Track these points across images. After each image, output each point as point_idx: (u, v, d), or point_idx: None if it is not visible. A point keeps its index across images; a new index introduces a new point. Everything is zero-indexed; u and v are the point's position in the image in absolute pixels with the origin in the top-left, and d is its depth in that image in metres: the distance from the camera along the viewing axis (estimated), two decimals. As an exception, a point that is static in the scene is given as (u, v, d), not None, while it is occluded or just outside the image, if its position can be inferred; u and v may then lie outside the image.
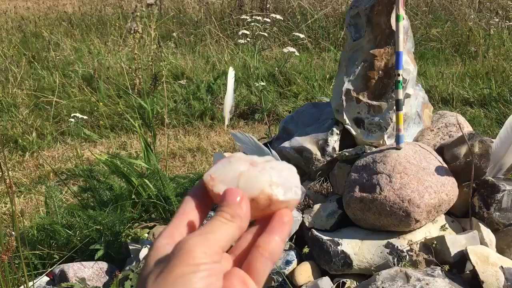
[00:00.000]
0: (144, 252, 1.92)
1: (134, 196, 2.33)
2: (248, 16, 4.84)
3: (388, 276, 1.54)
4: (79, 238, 2.17)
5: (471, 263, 1.55)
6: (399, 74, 1.70)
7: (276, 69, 4.48)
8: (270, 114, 3.89)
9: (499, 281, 1.52)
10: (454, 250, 1.60)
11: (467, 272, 1.61)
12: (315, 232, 1.75)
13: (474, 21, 5.35)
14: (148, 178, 2.37)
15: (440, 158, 1.76)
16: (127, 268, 1.90)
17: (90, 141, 3.74)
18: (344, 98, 1.86)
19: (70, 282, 1.87)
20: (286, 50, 3.18)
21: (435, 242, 1.62)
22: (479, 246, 1.61)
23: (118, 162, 2.40)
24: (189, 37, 5.78)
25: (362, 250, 1.67)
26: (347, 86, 1.85)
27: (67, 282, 1.87)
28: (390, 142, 1.83)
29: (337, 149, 1.88)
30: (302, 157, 1.90)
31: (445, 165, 1.74)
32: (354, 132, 1.87)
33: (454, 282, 1.53)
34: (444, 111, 2.09)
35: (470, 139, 1.71)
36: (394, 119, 1.76)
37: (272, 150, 1.82)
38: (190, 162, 3.40)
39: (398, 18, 1.67)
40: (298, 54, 3.74)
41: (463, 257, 1.59)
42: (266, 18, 4.00)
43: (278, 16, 4.11)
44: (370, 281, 1.56)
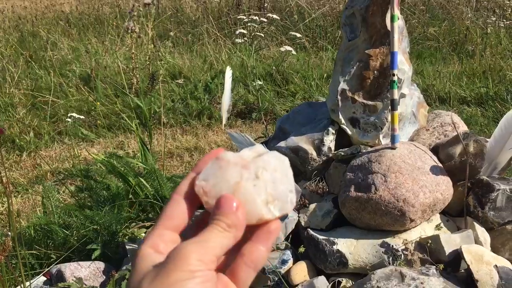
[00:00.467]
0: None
1: (131, 195, 2.33)
2: (245, 15, 4.84)
3: (383, 275, 1.54)
4: (76, 238, 2.17)
5: (466, 262, 1.56)
6: (394, 74, 1.70)
7: (273, 68, 4.49)
8: (267, 114, 3.90)
9: (493, 279, 1.53)
10: (448, 249, 1.61)
11: (462, 271, 1.62)
12: (311, 231, 1.76)
13: (471, 20, 5.36)
14: (145, 178, 2.38)
15: (435, 158, 1.77)
16: (124, 268, 1.91)
17: (88, 140, 3.74)
18: (339, 98, 1.87)
19: (67, 282, 1.87)
20: (283, 49, 3.18)
21: (430, 241, 1.63)
22: (474, 245, 1.62)
23: (115, 162, 2.41)
24: (186, 36, 5.78)
25: (357, 249, 1.68)
26: (343, 86, 1.86)
27: (64, 282, 1.88)
28: (385, 141, 1.84)
29: (332, 148, 1.89)
30: (298, 156, 1.91)
31: (440, 164, 1.74)
32: (349, 131, 1.88)
33: (449, 281, 1.54)
34: (439, 111, 2.10)
35: (465, 139, 1.72)
36: (390, 119, 1.77)
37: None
38: (187, 162, 3.40)
39: (393, 18, 1.68)
40: (295, 53, 3.75)
41: (458, 256, 1.60)
42: (263, 17, 4.01)
43: (275, 15, 4.11)
44: (365, 280, 1.57)
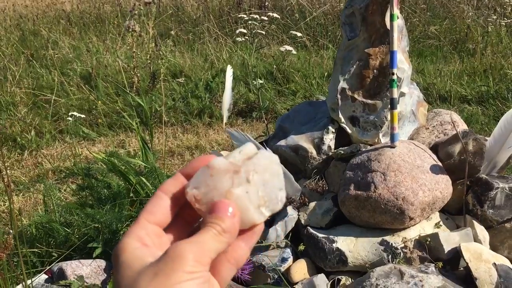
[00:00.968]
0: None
1: (132, 194, 2.34)
2: (246, 14, 4.85)
3: (382, 273, 1.55)
4: (77, 236, 2.18)
5: (465, 260, 1.56)
6: (394, 73, 1.71)
7: (274, 67, 4.49)
8: (268, 112, 3.90)
9: (492, 277, 1.53)
10: (447, 247, 1.61)
11: (461, 269, 1.63)
12: (311, 229, 1.77)
13: (472, 18, 5.35)
14: (146, 177, 2.38)
15: (434, 156, 1.77)
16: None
17: (89, 139, 3.75)
18: (339, 96, 1.87)
19: (69, 280, 1.88)
20: (283, 49, 3.18)
21: (429, 239, 1.64)
22: (473, 243, 1.62)
23: (116, 160, 2.41)
24: (187, 35, 5.79)
25: (357, 247, 1.69)
26: (342, 85, 1.87)
27: (66, 280, 1.89)
28: (385, 140, 1.84)
29: (332, 147, 1.90)
30: (298, 155, 1.92)
31: (439, 163, 1.75)
32: (349, 130, 1.89)
33: (448, 279, 1.55)
34: (439, 109, 2.11)
35: (464, 137, 1.73)
36: (389, 118, 1.77)
37: (268, 149, 1.83)
38: (188, 160, 3.41)
39: (392, 17, 1.68)
40: (295, 52, 3.75)
41: (457, 254, 1.61)
42: (264, 16, 4.01)
43: (276, 14, 4.11)
44: (365, 278, 1.58)
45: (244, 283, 1.70)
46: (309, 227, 1.78)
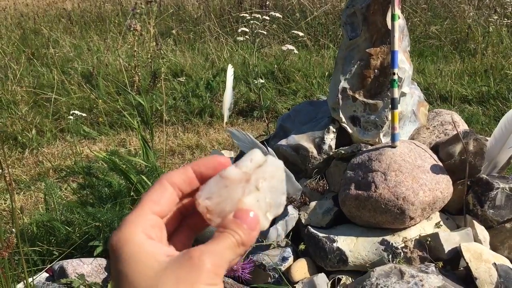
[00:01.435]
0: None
1: (132, 193, 2.34)
2: (247, 13, 4.84)
3: (382, 272, 1.56)
4: (78, 235, 2.18)
5: (465, 260, 1.57)
6: (395, 73, 1.71)
7: (275, 66, 4.50)
8: (269, 112, 3.90)
9: (492, 277, 1.54)
10: (448, 247, 1.62)
11: (461, 268, 1.63)
12: (311, 229, 1.77)
13: (473, 18, 5.35)
14: (146, 175, 2.39)
15: (435, 156, 1.77)
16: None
17: (90, 138, 3.76)
18: (340, 96, 1.87)
19: (69, 278, 1.89)
20: (284, 48, 3.18)
21: (429, 239, 1.64)
22: (473, 243, 1.63)
23: (116, 159, 2.42)
24: (188, 34, 5.79)
25: (357, 247, 1.69)
26: (343, 84, 1.87)
27: (66, 278, 1.89)
28: (385, 140, 1.84)
29: (333, 147, 1.90)
30: (299, 155, 1.92)
31: (440, 163, 1.75)
32: (350, 130, 1.89)
33: (448, 278, 1.55)
34: (440, 109, 2.11)
35: (465, 137, 1.73)
36: (390, 118, 1.78)
37: (269, 148, 1.84)
38: (189, 159, 3.42)
39: (393, 17, 1.69)
40: (297, 52, 3.76)
41: (457, 254, 1.61)
42: (265, 16, 4.01)
43: (277, 14, 4.12)
44: (365, 277, 1.58)
45: (244, 282, 1.70)
46: (309, 227, 1.79)
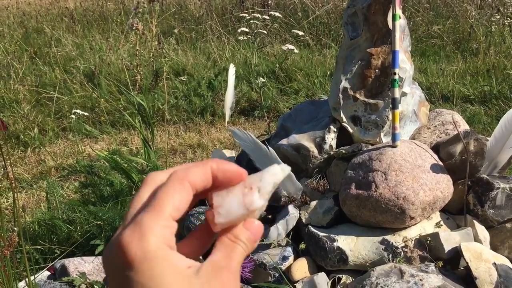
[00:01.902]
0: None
1: (134, 192, 2.35)
2: (249, 12, 4.85)
3: (382, 272, 1.56)
4: (80, 233, 2.20)
5: (465, 260, 1.57)
6: (396, 73, 1.71)
7: (276, 65, 4.50)
8: (270, 111, 3.91)
9: (492, 277, 1.54)
10: (448, 247, 1.62)
11: (461, 268, 1.63)
12: (312, 228, 1.78)
13: (476, 18, 5.34)
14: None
15: (435, 156, 1.78)
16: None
17: (91, 137, 3.77)
18: (341, 96, 1.88)
19: (71, 277, 1.90)
20: (285, 48, 3.19)
21: (430, 239, 1.64)
22: (473, 243, 1.63)
23: (118, 158, 2.43)
24: (190, 33, 5.80)
25: (357, 247, 1.69)
26: (344, 84, 1.87)
27: (68, 277, 1.90)
28: (386, 140, 1.85)
29: (334, 146, 1.90)
30: (300, 154, 1.92)
31: (440, 163, 1.76)
32: (351, 130, 1.89)
33: (448, 278, 1.56)
34: (441, 109, 2.11)
35: (466, 137, 1.73)
36: (391, 117, 1.78)
37: (269, 148, 1.84)
38: (190, 159, 3.42)
39: (394, 17, 1.69)
40: (297, 51, 3.76)
41: (457, 253, 1.61)
42: (266, 15, 4.01)
43: (278, 13, 4.12)
44: (365, 276, 1.59)
45: (245, 281, 1.71)
46: (310, 226, 1.79)
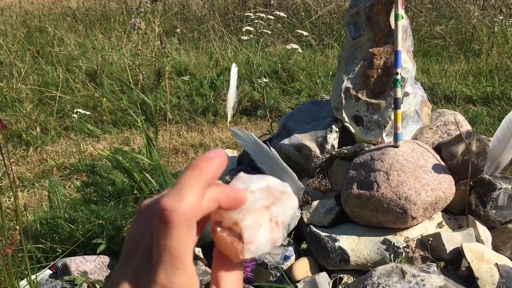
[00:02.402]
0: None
1: (136, 191, 2.35)
2: (251, 12, 4.85)
3: (384, 272, 1.56)
4: (82, 232, 2.20)
5: (466, 260, 1.57)
6: (398, 73, 1.71)
7: (279, 65, 4.50)
8: (272, 111, 3.91)
9: (494, 278, 1.54)
10: (449, 247, 1.62)
11: (463, 269, 1.63)
12: (313, 228, 1.78)
13: (478, 18, 5.33)
14: (150, 174, 2.40)
15: (437, 156, 1.77)
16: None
17: (93, 136, 3.77)
18: (343, 96, 1.88)
19: (72, 275, 1.90)
20: (289, 47, 3.18)
21: (431, 239, 1.64)
22: (475, 243, 1.63)
23: (120, 157, 2.43)
24: (192, 33, 5.80)
25: (359, 246, 1.69)
26: (346, 84, 1.87)
27: (69, 275, 1.90)
28: (388, 140, 1.85)
29: (336, 146, 1.90)
30: (301, 154, 1.92)
31: (442, 163, 1.75)
32: (353, 129, 1.89)
33: (449, 278, 1.55)
34: (443, 110, 2.11)
35: (468, 138, 1.73)
36: (393, 117, 1.78)
37: (271, 148, 1.84)
38: (192, 158, 3.42)
39: (397, 17, 1.69)
40: (301, 51, 3.76)
41: (459, 254, 1.61)
42: (269, 15, 4.02)
43: (282, 13, 4.12)
44: (367, 276, 1.59)
45: (246, 281, 1.71)
46: (311, 226, 1.79)
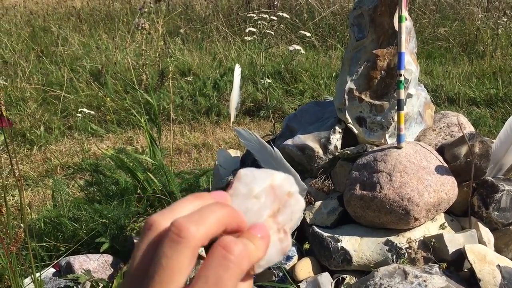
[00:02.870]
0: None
1: (139, 190, 2.37)
2: (255, 13, 4.86)
3: (386, 272, 1.56)
4: (85, 231, 2.21)
5: (469, 262, 1.57)
6: (401, 74, 1.72)
7: (282, 66, 4.51)
8: (275, 112, 3.92)
9: (496, 279, 1.54)
10: (452, 248, 1.62)
11: (465, 270, 1.63)
12: (316, 228, 1.78)
13: (482, 20, 5.33)
14: (153, 173, 2.41)
15: (440, 158, 1.78)
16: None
17: (97, 135, 3.79)
18: (346, 97, 1.88)
19: (76, 274, 1.91)
20: (291, 48, 3.20)
21: (434, 240, 1.64)
22: (477, 245, 1.63)
23: (124, 157, 2.44)
24: (196, 33, 5.81)
25: (361, 247, 1.70)
26: (350, 85, 1.88)
27: (73, 274, 1.91)
28: (391, 141, 1.85)
29: (339, 147, 1.91)
30: (305, 154, 1.93)
31: (445, 164, 1.76)
32: (356, 131, 1.90)
33: (451, 279, 1.56)
34: (446, 111, 2.11)
35: (471, 139, 1.73)
36: (396, 119, 1.78)
37: (275, 148, 1.85)
38: (195, 158, 3.44)
39: (400, 19, 1.69)
40: (304, 52, 3.76)
41: (461, 255, 1.61)
42: (272, 16, 4.03)
43: (285, 14, 4.13)
44: (369, 277, 1.59)
45: (249, 280, 1.71)
46: (314, 226, 1.79)
